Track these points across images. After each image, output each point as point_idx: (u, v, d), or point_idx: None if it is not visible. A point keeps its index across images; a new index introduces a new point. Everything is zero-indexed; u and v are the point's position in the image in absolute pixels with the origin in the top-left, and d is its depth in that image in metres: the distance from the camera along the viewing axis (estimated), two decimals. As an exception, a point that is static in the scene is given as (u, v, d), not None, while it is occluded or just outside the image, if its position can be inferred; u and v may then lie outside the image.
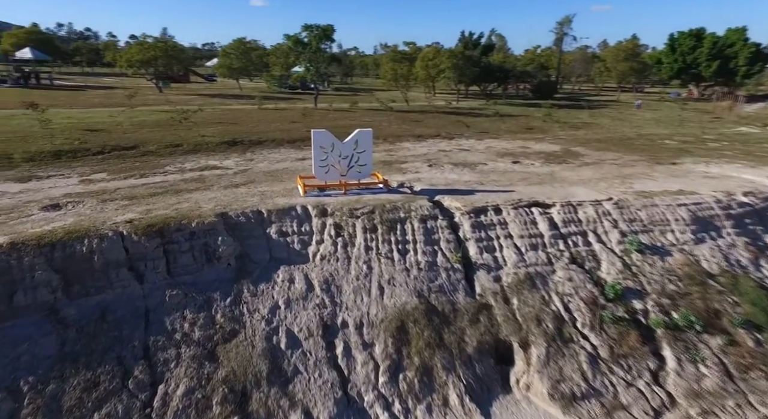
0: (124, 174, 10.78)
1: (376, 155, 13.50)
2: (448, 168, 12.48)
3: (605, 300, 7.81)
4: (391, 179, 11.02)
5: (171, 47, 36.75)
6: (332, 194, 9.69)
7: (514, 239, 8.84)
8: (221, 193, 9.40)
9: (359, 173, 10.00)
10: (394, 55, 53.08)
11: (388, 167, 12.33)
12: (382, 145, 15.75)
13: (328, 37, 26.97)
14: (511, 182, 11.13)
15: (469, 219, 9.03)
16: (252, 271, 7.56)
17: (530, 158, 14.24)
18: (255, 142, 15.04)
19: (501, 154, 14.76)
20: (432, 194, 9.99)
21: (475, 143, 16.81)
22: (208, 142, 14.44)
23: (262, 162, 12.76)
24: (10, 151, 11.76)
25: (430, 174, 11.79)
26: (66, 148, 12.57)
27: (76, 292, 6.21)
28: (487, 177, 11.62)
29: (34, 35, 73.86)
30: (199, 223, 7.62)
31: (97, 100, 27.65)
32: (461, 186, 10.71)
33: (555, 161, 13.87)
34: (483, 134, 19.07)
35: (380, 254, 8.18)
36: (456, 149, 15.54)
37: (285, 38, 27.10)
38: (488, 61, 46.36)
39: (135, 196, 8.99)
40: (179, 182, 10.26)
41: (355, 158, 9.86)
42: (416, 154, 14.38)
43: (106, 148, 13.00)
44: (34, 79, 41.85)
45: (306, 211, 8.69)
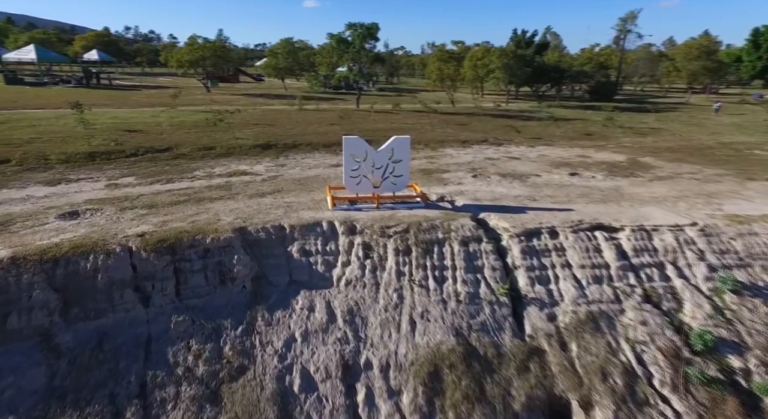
0: (151, 179, 10.48)
1: (416, 163, 12.53)
2: (495, 180, 11.26)
3: (691, 353, 6.38)
4: (430, 191, 9.99)
5: (219, 47, 37.57)
6: (363, 207, 8.81)
7: (573, 270, 7.55)
8: (245, 203, 8.78)
9: (394, 185, 9.07)
10: (441, 55, 51.76)
11: (428, 177, 11.30)
12: (422, 151, 14.73)
13: (372, 35, 26.28)
14: (569, 199, 9.76)
15: (518, 243, 7.84)
16: (268, 296, 6.81)
17: (590, 169, 12.69)
18: (289, 145, 14.49)
19: (556, 164, 13.31)
20: (476, 210, 8.87)
21: (526, 151, 15.40)
22: (241, 145, 14.05)
23: (294, 168, 12.13)
24: (48, 152, 11.84)
25: (474, 186, 10.64)
26: (101, 149, 12.55)
27: (75, 315, 5.69)
28: (541, 192, 10.30)
29: (101, 38, 79.44)
30: (214, 239, 6.98)
31: (146, 100, 28.53)
32: (510, 202, 9.50)
33: (620, 173, 12.26)
34: (535, 140, 17.55)
35: (413, 281, 7.19)
36: (504, 157, 14.22)
37: (328, 37, 26.70)
38: (542, 60, 43.94)
39: (156, 204, 8.55)
40: (204, 189, 9.78)
41: (390, 168, 8.94)
42: (460, 162, 13.24)
43: (139, 150, 12.88)
44: (95, 79, 44.38)
45: (333, 227, 7.86)
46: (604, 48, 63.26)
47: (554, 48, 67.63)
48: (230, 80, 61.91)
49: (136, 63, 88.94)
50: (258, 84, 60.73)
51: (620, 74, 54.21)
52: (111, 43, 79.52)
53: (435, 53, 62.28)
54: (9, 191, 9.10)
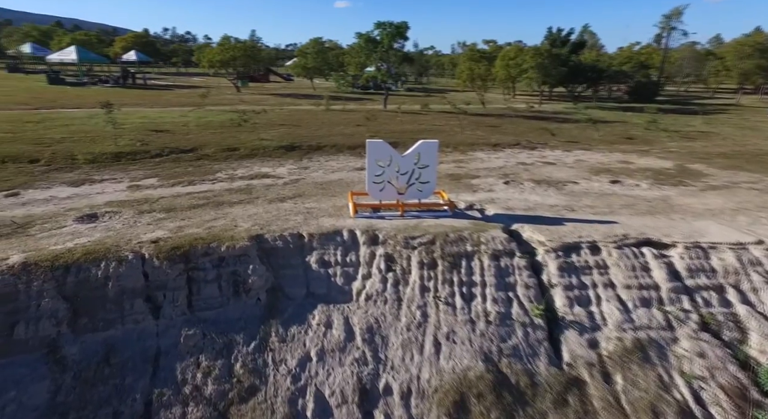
0: (173, 180, 10.36)
1: (443, 167, 11.97)
2: (528, 187, 10.57)
3: (760, 394, 5.60)
4: (458, 198, 9.43)
5: (249, 47, 38.00)
6: (387, 215, 8.35)
7: (617, 290, 6.85)
8: (264, 208, 8.48)
9: (420, 192, 8.56)
10: (472, 54, 50.93)
11: (456, 182, 10.73)
12: (451, 154, 14.14)
13: (401, 35, 25.80)
14: (612, 210, 8.99)
15: (556, 259, 7.19)
16: (284, 309, 6.45)
17: (634, 176, 11.78)
18: (314, 147, 14.21)
19: (595, 170, 12.45)
20: (508, 221, 8.26)
21: (562, 155, 14.55)
22: (265, 146, 13.86)
23: (317, 171, 11.80)
24: (76, 152, 11.97)
25: (506, 194, 10.00)
26: (127, 149, 12.61)
27: (83, 326, 5.49)
28: (579, 201, 9.56)
29: (140, 39, 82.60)
30: (230, 247, 6.68)
31: (177, 100, 29.03)
32: (545, 212, 8.82)
33: (668, 182, 11.30)
34: (571, 144, 16.63)
35: (439, 298, 6.67)
36: (539, 161, 13.46)
37: (357, 37, 26.42)
38: (578, 59, 42.30)
39: (174, 208, 8.37)
40: (224, 192, 9.57)
41: (416, 174, 8.44)
42: (491, 167, 12.59)
43: (164, 150, 12.87)
44: (131, 79, 45.86)
45: (353, 237, 7.44)
46: (645, 46, 60.55)
47: (591, 47, 65.32)
48: (260, 80, 62.89)
49: (172, 63, 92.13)
50: (287, 84, 61.39)
51: (662, 74, 51.65)
52: (148, 44, 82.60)
53: (466, 53, 61.38)
54: (34, 192, 9.14)
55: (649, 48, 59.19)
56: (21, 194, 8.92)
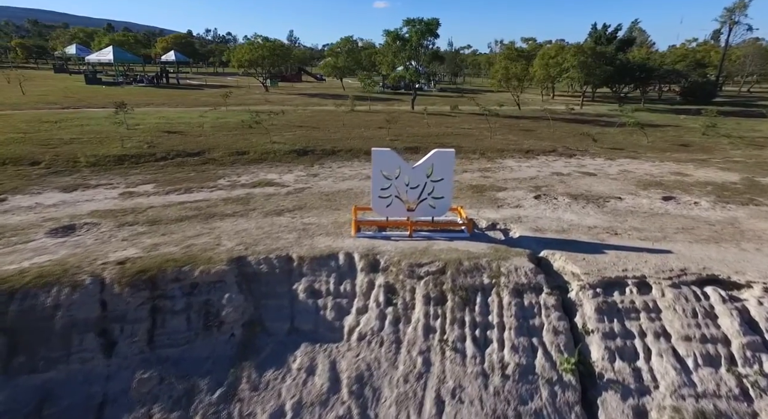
0: (170, 187, 9.74)
1: (467, 177, 10.83)
2: (563, 203, 9.25)
3: None
4: (479, 215, 8.28)
5: (278, 47, 37.88)
6: (393, 235, 7.32)
7: (672, 342, 5.53)
8: (257, 223, 7.65)
9: (433, 208, 7.47)
10: (509, 53, 49.06)
11: (479, 195, 9.55)
12: (477, 162, 12.93)
13: (431, 32, 24.68)
14: (665, 235, 7.57)
15: (593, 297, 5.94)
16: (261, 347, 5.55)
17: (691, 192, 10.19)
18: (328, 151, 13.36)
19: (644, 183, 10.91)
20: (536, 246, 7.04)
21: (604, 164, 13.03)
22: (277, 150, 13.14)
23: (327, 179, 10.92)
24: (80, 154, 11.63)
25: (536, 211, 8.74)
26: (133, 152, 12.18)
27: (18, 366, 4.77)
28: (624, 222, 8.18)
29: (179, 40, 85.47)
30: (205, 271, 5.86)
31: (204, 99, 29.06)
32: (582, 235, 7.52)
33: (734, 199, 9.67)
34: (615, 151, 15.00)
35: (445, 342, 5.58)
36: (577, 171, 12.02)
37: (384, 34, 25.51)
38: (625, 58, 39.65)
39: (160, 220, 7.67)
40: (220, 202, 8.82)
41: (429, 188, 7.36)
42: (520, 177, 11.29)
43: (170, 153, 12.37)
44: (165, 78, 46.96)
45: (351, 261, 6.46)
46: (702, 44, 56.47)
47: (640, 44, 61.72)
48: (292, 80, 63.28)
49: (210, 63, 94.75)
50: (319, 84, 61.42)
51: (721, 73, 47.85)
52: (187, 44, 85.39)
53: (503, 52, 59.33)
54: (22, 198, 8.71)
55: (706, 45, 55.16)
56: (7, 200, 8.49)
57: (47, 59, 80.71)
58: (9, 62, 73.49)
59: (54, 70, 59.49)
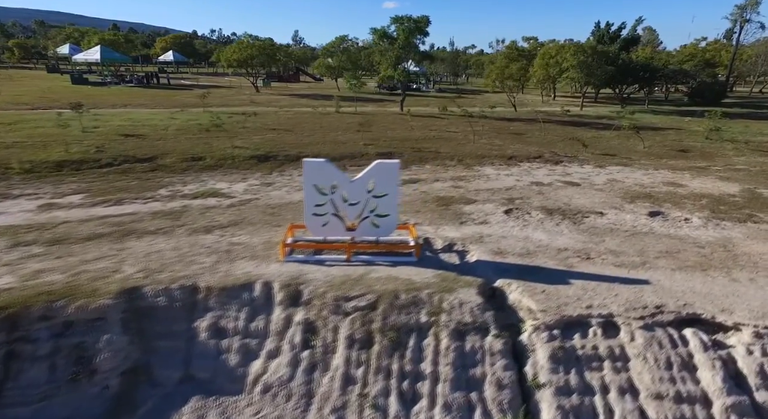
0: (102, 198, 8.91)
1: (437, 186, 9.94)
2: (535, 219, 8.31)
3: None
4: (437, 234, 7.37)
5: (267, 46, 37.12)
6: (328, 260, 6.42)
7: (640, 400, 4.59)
8: (176, 243, 6.78)
9: (377, 228, 6.58)
10: (509, 53, 48.25)
11: (443, 209, 8.63)
12: (452, 169, 12.01)
13: (420, 30, 23.79)
14: (644, 259, 6.62)
15: (548, 341, 5.02)
16: (141, 402, 4.66)
17: (683, 205, 9.22)
18: (291, 157, 12.49)
19: (631, 195, 9.94)
20: (493, 272, 6.13)
21: (591, 173, 12.07)
22: (237, 155, 12.29)
23: (281, 188, 10.05)
24: (15, 160, 10.83)
25: (503, 229, 7.80)
26: (76, 158, 11.38)
27: None
28: (600, 244, 7.23)
29: (179, 40, 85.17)
30: (82, 307, 4.98)
31: (187, 100, 28.21)
32: (548, 260, 6.58)
33: (731, 215, 8.68)
34: (607, 158, 14.03)
35: (366, 396, 4.67)
36: (559, 181, 11.07)
37: (371, 32, 24.67)
38: (628, 57, 38.56)
39: (66, 239, 6.82)
40: (148, 216, 7.97)
41: (371, 204, 6.47)
42: (495, 187, 10.36)
43: (118, 159, 11.56)
44: (154, 79, 46.38)
45: (268, 293, 5.57)
46: (712, 43, 55.23)
47: (647, 43, 60.56)
48: (289, 80, 62.57)
49: (210, 63, 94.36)
50: (316, 84, 60.64)
51: (731, 73, 46.60)
52: (186, 44, 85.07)
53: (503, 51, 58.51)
54: (-74, 211, 7.90)
55: (716, 44, 53.90)
56: None
57: (49, 60, 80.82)
58: (4, 62, 73.45)
59: (47, 71, 59.20)
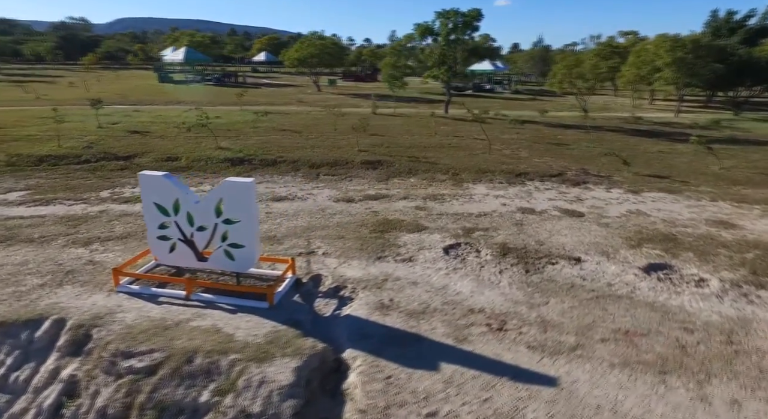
0: (39, 196, 8.85)
1: (398, 206, 8.58)
2: (478, 260, 6.44)
3: None
4: (337, 270, 5.97)
5: (329, 45, 37.26)
6: (165, 295, 5.36)
7: None
8: (35, 255, 6.24)
9: (232, 260, 5.38)
10: (600, 50, 43.82)
11: (376, 237, 7.11)
12: (436, 186, 10.28)
13: (468, 25, 21.77)
14: (581, 341, 4.58)
15: (349, 463, 3.43)
16: None
17: (711, 259, 6.59)
18: (268, 162, 11.69)
19: (644, 236, 7.45)
20: (352, 337, 4.64)
21: (613, 200, 9.53)
22: (212, 157, 11.81)
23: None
24: (3, 153, 11.40)
25: (424, 271, 6.11)
26: (62, 153, 11.73)
27: None
28: (538, 307, 5.24)
29: (272, 41, 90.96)
30: None
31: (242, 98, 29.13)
32: (442, 326, 4.85)
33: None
34: (652, 181, 11.17)
35: None
36: (558, 209, 8.82)
37: (414, 28, 23.17)
38: (747, 53, 32.16)
39: (-56, 241, 6.62)
40: (52, 220, 7.62)
41: (221, 231, 5.28)
42: (467, 212, 8.51)
43: (98, 156, 11.71)
44: (232, 78, 49.41)
45: (55, 334, 4.68)
46: None
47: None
48: (365, 80, 62.94)
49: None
50: (383, 84, 60.22)
51: None
52: (280, 45, 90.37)
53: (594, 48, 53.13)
54: None
55: None
56: None
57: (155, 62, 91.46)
58: (129, 64, 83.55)
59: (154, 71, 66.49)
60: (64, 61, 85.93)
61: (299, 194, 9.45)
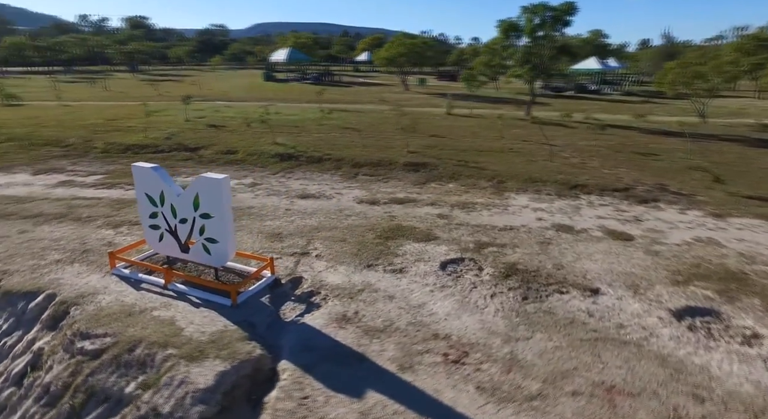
0: (111, 180, 10.01)
1: (419, 213, 8.14)
2: (475, 280, 5.73)
3: None
4: (320, 274, 5.79)
5: (418, 45, 37.03)
6: (147, 282, 5.63)
7: None
8: (70, 232, 6.99)
9: (208, 254, 5.47)
10: (742, 44, 38.40)
11: (378, 244, 6.75)
12: (473, 193, 9.52)
13: (559, 20, 19.97)
14: (545, 390, 3.79)
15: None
16: None
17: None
18: (313, 159, 11.88)
19: (700, 273, 6.02)
20: (296, 348, 4.42)
21: (681, 224, 7.92)
22: (265, 152, 12.33)
23: (254, 191, 9.55)
24: (101, 142, 13.12)
25: (409, 285, 5.62)
26: (145, 142, 13.15)
27: None
28: (514, 343, 4.48)
29: (375, 42, 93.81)
30: None
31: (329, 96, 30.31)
32: (395, 350, 4.39)
33: None
34: (749, 203, 9.12)
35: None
36: (605, 229, 7.56)
37: (497, 25, 21.90)
38: None
39: (14, 213, 7.76)
40: (105, 202, 8.51)
41: (198, 225, 5.39)
42: (491, 224, 7.69)
43: (171, 147, 12.91)
44: (328, 77, 51.74)
45: (44, 307, 5.15)
46: None
47: None
48: (456, 79, 61.77)
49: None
50: (482, 84, 58.29)
51: None
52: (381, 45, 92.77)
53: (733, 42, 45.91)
54: (-11, 177, 10.11)
55: None
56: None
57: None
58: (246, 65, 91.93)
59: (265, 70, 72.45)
60: (199, 63, 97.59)
61: (328, 192, 9.41)
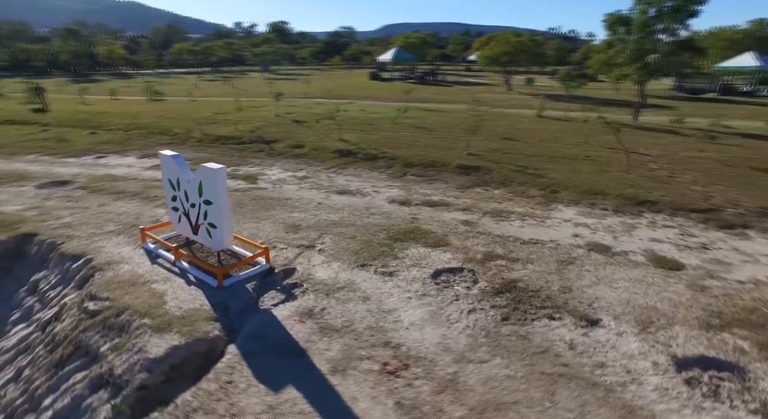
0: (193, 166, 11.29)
1: (448, 217, 7.93)
2: (462, 293, 5.32)
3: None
4: (314, 268, 5.97)
5: (526, 42, 35.04)
6: (162, 257, 6.30)
7: None
8: (134, 208, 8.09)
9: (210, 238, 5.95)
10: None
11: (388, 244, 6.65)
12: (518, 201, 8.81)
13: (681, 10, 17.31)
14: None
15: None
16: (-32, 317, 6.13)
17: None
18: (370, 156, 12.05)
19: (755, 321, 4.80)
20: (250, 336, 4.62)
21: (758, 259, 6.39)
22: (328, 147, 12.85)
23: (304, 184, 10.02)
24: (199, 132, 14.87)
25: (392, 289, 5.45)
26: (233, 134, 14.53)
27: None
28: (470, 369, 4.08)
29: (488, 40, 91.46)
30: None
31: (421, 95, 30.41)
32: (333, 352, 4.31)
33: None
34: None
35: (8, 394, 4.63)
36: (647, 255, 6.41)
37: (604, 18, 19.71)
38: None
39: (101, 190, 9.23)
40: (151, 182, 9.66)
41: (203, 210, 5.89)
42: (512, 236, 7.02)
43: (252, 139, 14.10)
44: (431, 76, 51.77)
45: (80, 269, 6.08)
46: None
47: None
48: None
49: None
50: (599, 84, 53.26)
51: None
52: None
53: None
54: (85, 157, 12.13)
55: None
56: (74, 159, 12.04)
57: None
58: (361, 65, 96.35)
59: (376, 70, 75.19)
60: (320, 63, 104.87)
61: (366, 190, 9.49)
